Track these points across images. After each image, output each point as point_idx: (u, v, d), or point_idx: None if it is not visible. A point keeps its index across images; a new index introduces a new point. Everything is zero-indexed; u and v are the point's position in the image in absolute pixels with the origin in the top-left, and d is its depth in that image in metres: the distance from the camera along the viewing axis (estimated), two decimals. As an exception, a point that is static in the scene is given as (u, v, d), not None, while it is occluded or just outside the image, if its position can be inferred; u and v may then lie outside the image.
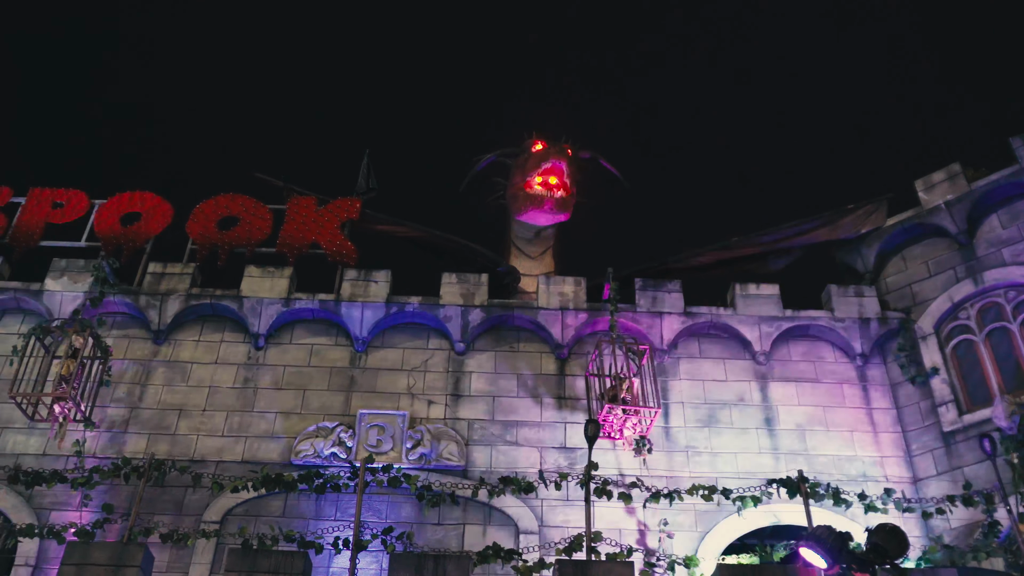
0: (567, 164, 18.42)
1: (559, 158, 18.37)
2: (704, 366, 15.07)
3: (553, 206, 18.12)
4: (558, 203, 18.12)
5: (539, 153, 18.73)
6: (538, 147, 18.97)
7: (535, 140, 19.15)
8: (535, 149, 18.94)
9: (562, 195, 18.17)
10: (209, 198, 16.69)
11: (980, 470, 13.03)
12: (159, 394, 14.44)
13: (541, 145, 18.99)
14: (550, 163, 18.30)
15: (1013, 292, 14.50)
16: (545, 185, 18.18)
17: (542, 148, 18.87)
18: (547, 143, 19.05)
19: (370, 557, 12.43)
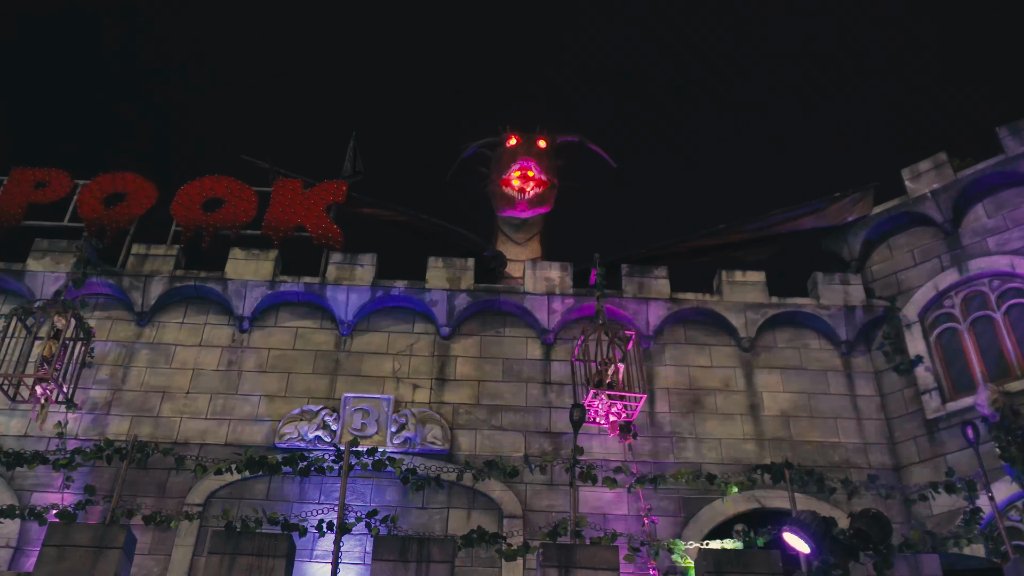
0: (538, 161, 18.32)
1: (527, 157, 18.28)
2: (689, 352, 15.08)
3: (526, 206, 18.14)
4: (531, 202, 18.13)
5: (511, 149, 18.68)
6: (512, 142, 18.91)
7: (509, 135, 19.06)
8: (509, 144, 18.89)
9: (535, 193, 18.12)
10: (194, 180, 16.54)
11: (963, 457, 13.11)
12: (142, 376, 14.35)
13: (515, 139, 18.91)
14: (518, 164, 18.27)
15: (998, 281, 14.57)
16: (516, 187, 18.17)
17: (515, 143, 18.80)
18: (520, 137, 18.94)
19: (354, 540, 12.41)
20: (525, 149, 18.56)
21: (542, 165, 18.43)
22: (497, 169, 18.74)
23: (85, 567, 9.39)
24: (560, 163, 19.32)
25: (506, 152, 18.81)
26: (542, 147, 18.81)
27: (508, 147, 18.89)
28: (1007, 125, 15.27)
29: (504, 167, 18.55)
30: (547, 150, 18.86)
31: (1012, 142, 15.08)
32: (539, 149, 18.70)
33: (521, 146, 18.70)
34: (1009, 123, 15.26)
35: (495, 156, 19.13)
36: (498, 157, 18.96)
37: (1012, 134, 15.13)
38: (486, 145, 19.52)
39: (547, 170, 18.48)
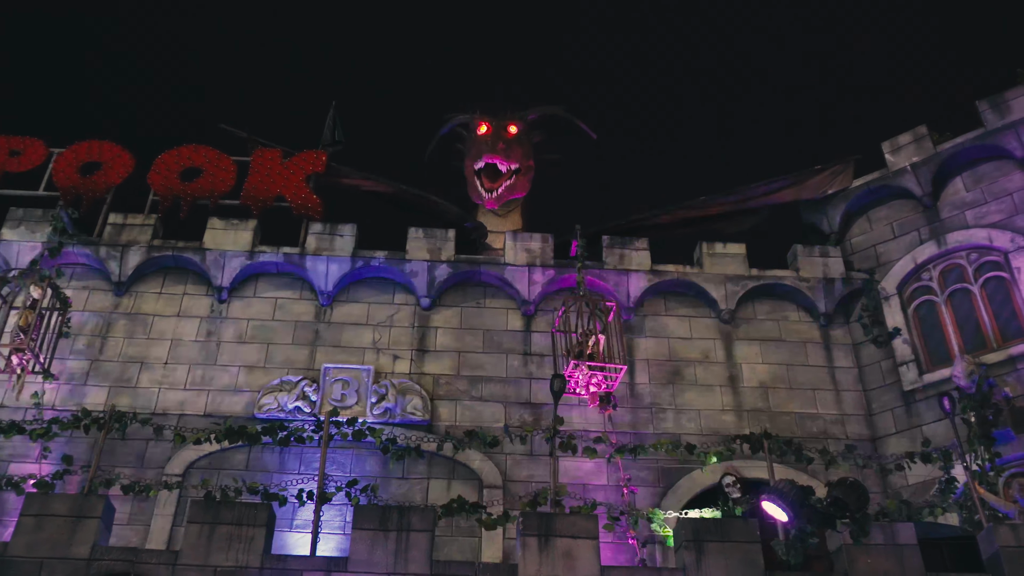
0: (505, 154, 18.00)
1: (493, 154, 17.95)
2: (670, 324, 15.13)
3: (495, 201, 17.97)
4: (500, 197, 17.95)
5: (479, 140, 18.42)
6: (481, 129, 18.67)
7: (479, 121, 18.82)
8: (479, 132, 18.65)
9: (505, 187, 17.95)
10: (171, 149, 16.35)
11: (938, 428, 13.26)
12: (120, 346, 14.25)
13: (485, 127, 18.65)
14: (482, 162, 18.01)
15: (975, 254, 14.67)
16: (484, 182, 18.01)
17: (484, 131, 18.55)
18: (490, 124, 18.63)
19: (334, 510, 12.42)
20: (491, 143, 18.13)
21: (511, 154, 18.10)
22: (469, 155, 18.56)
23: (63, 537, 9.36)
24: (537, 139, 19.16)
25: (476, 141, 18.55)
26: (513, 133, 18.53)
27: (478, 135, 18.62)
28: (987, 99, 15.32)
29: (473, 156, 18.34)
30: (519, 134, 18.58)
31: (992, 116, 15.14)
32: (509, 137, 18.40)
33: (488, 138, 18.28)
34: (989, 96, 15.31)
35: (468, 139, 18.96)
36: (470, 143, 18.78)
37: (992, 108, 15.18)
38: (462, 125, 19.34)
39: (518, 157, 18.17)
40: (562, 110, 19.49)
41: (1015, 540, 9.75)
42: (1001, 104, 15.13)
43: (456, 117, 19.31)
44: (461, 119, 19.21)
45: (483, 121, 18.71)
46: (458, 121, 19.24)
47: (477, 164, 18.11)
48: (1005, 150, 14.86)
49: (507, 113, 18.90)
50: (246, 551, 9.36)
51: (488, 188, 17.94)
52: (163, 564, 9.29)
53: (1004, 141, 14.86)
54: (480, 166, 18.04)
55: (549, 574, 9.38)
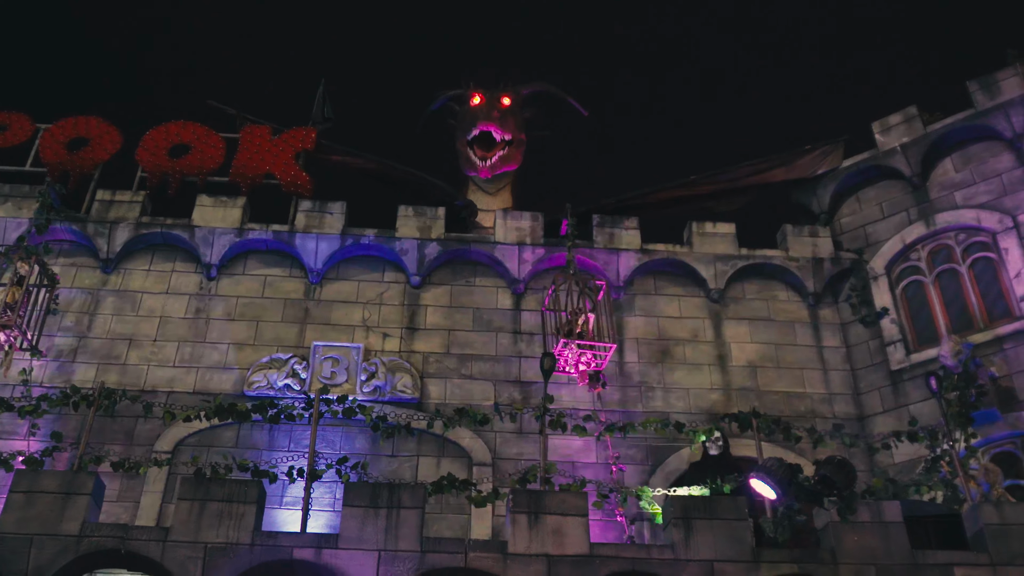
0: (499, 123, 18.03)
1: (487, 122, 17.98)
2: (659, 303, 15.16)
3: (489, 170, 17.94)
4: (494, 166, 17.93)
5: (473, 110, 18.42)
6: (475, 100, 18.65)
7: (472, 92, 18.79)
8: (472, 103, 18.64)
9: (499, 156, 17.93)
10: (159, 125, 16.25)
11: (925, 408, 13.36)
12: (108, 323, 14.21)
13: (478, 98, 18.63)
14: (476, 130, 18.01)
15: (963, 235, 14.74)
16: (477, 152, 17.98)
17: (478, 102, 18.54)
18: (483, 95, 18.63)
19: (323, 488, 12.46)
20: (486, 111, 18.21)
21: (505, 125, 18.14)
22: (461, 127, 18.52)
23: (54, 514, 9.34)
24: (528, 115, 19.13)
25: (469, 111, 18.56)
26: (506, 104, 18.54)
27: (471, 106, 18.63)
28: (977, 79, 15.34)
29: (467, 127, 18.32)
30: (512, 106, 18.60)
31: (982, 96, 15.16)
32: (503, 108, 18.42)
33: (483, 107, 18.36)
34: (980, 77, 15.33)
35: (460, 112, 18.91)
36: (462, 115, 18.74)
37: (982, 88, 15.21)
38: (454, 99, 19.28)
39: (511, 128, 18.21)
40: (554, 87, 19.44)
41: (999, 518, 9.86)
42: (991, 85, 15.15)
43: (447, 93, 19.24)
44: (453, 93, 19.15)
45: (476, 92, 18.68)
46: (450, 96, 19.17)
47: (471, 133, 18.06)
48: (995, 131, 14.90)
49: (500, 85, 18.86)
50: (236, 528, 9.38)
51: (482, 156, 17.92)
52: (154, 540, 9.30)
53: (994, 122, 14.90)
54: (475, 134, 18.01)
55: (539, 551, 9.43)
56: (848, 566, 9.53)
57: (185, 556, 9.22)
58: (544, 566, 9.37)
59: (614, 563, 9.46)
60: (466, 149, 18.17)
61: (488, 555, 9.47)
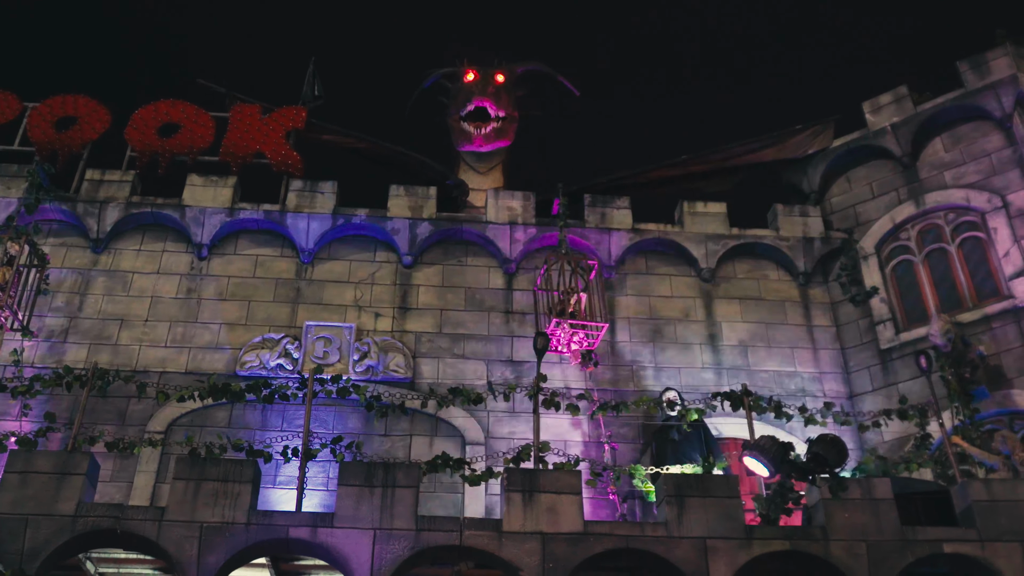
0: (494, 99, 18.02)
1: (483, 97, 17.98)
2: (651, 282, 15.21)
3: (483, 142, 17.89)
4: (487, 137, 17.88)
5: (467, 86, 18.36)
6: (469, 77, 18.59)
7: (466, 69, 18.73)
8: (466, 79, 18.58)
9: (492, 128, 17.90)
10: (148, 104, 16.15)
11: (914, 386, 13.46)
12: (99, 304, 14.16)
13: (472, 74, 18.58)
14: (472, 105, 17.98)
15: (953, 214, 14.82)
16: (471, 124, 17.94)
17: (472, 78, 18.49)
18: (477, 72, 18.58)
19: (316, 467, 12.49)
20: (481, 87, 18.20)
21: (499, 101, 18.13)
22: (455, 104, 18.47)
23: (49, 494, 9.36)
24: (521, 93, 19.09)
25: (463, 88, 18.50)
26: (500, 81, 18.49)
27: (465, 82, 18.57)
28: (968, 59, 15.38)
29: (460, 103, 18.27)
30: (505, 84, 18.56)
31: (972, 76, 15.21)
32: (497, 84, 18.38)
33: (477, 83, 18.33)
34: (970, 57, 15.37)
35: (453, 89, 18.84)
36: (456, 91, 18.68)
37: (972, 68, 15.25)
38: (446, 76, 19.21)
39: (505, 105, 18.19)
40: (546, 66, 19.39)
41: (987, 495, 9.98)
42: (982, 65, 15.20)
43: (439, 70, 19.16)
44: (444, 71, 19.07)
45: (471, 69, 18.61)
46: (442, 73, 19.09)
47: (466, 108, 17.99)
48: (984, 111, 14.96)
49: (494, 63, 18.80)
50: (232, 507, 9.42)
51: (477, 127, 17.86)
52: (150, 520, 9.33)
53: (984, 102, 14.96)
54: (470, 109, 17.94)
55: (533, 528, 9.51)
56: (839, 542, 9.65)
57: (181, 535, 9.26)
58: (539, 543, 9.45)
59: (608, 540, 9.55)
60: (459, 123, 18.10)
61: (483, 533, 9.54)
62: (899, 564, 9.58)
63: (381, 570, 9.25)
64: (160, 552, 9.33)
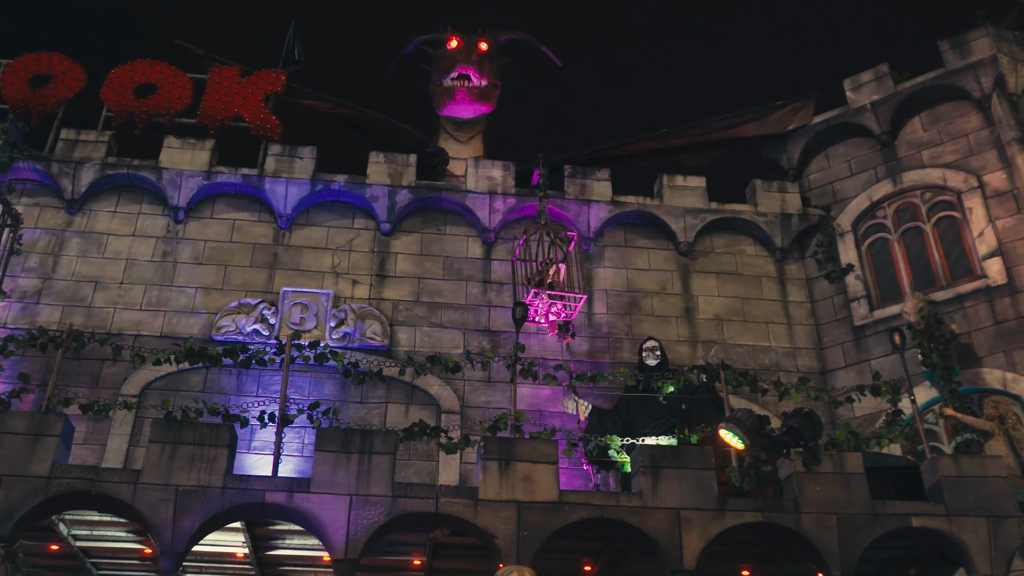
0: (477, 67, 17.93)
1: (466, 65, 17.87)
2: (629, 255, 15.25)
3: (466, 96, 17.74)
4: (471, 92, 17.74)
5: (451, 53, 18.23)
6: (452, 44, 18.44)
7: (449, 36, 18.57)
8: (449, 47, 18.43)
9: (477, 85, 17.78)
10: (125, 63, 15.89)
11: (886, 363, 13.63)
12: (73, 265, 14.01)
13: (456, 42, 18.43)
14: (455, 72, 17.86)
15: (929, 193, 14.93)
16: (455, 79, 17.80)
17: (456, 46, 18.34)
18: (461, 39, 18.43)
19: (292, 433, 12.49)
20: (465, 54, 18.07)
21: (482, 70, 18.02)
22: (437, 70, 18.31)
23: (23, 455, 9.29)
24: (504, 62, 18.98)
25: (446, 55, 18.35)
26: (483, 49, 18.37)
27: (448, 50, 18.42)
28: (948, 39, 15.44)
29: (444, 70, 18.12)
30: (489, 52, 18.44)
31: (952, 56, 15.27)
32: (480, 52, 18.26)
33: (461, 50, 18.20)
34: (951, 37, 15.42)
35: (436, 56, 18.67)
36: (438, 58, 18.52)
37: (953, 48, 15.31)
38: (428, 42, 19.04)
39: (488, 73, 18.08)
40: (530, 35, 19.26)
41: (956, 471, 10.16)
42: (962, 45, 15.26)
43: (420, 37, 18.98)
44: (426, 38, 18.89)
45: (454, 36, 18.45)
46: (423, 39, 18.91)
47: (450, 75, 17.83)
48: (964, 91, 15.04)
49: (478, 30, 18.65)
50: (209, 471, 9.39)
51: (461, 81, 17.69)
52: (125, 483, 9.29)
53: (963, 82, 15.03)
54: (454, 76, 17.78)
55: (509, 497, 9.56)
56: (810, 515, 9.79)
57: (156, 498, 9.24)
58: (514, 512, 9.51)
59: (583, 510, 9.63)
60: (442, 89, 17.91)
61: (459, 501, 9.58)
62: (868, 537, 9.74)
63: (357, 536, 9.29)
64: (135, 515, 9.30)
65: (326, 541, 9.33)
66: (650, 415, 11.96)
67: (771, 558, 10.92)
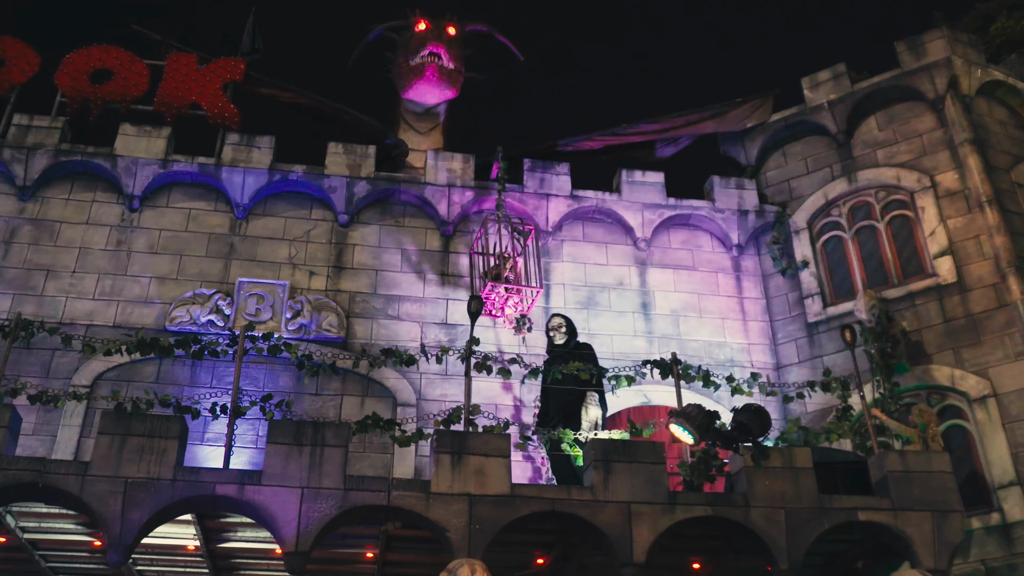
0: (447, 48, 17.85)
1: (437, 44, 17.75)
2: (587, 249, 15.30)
3: (436, 72, 17.43)
4: (441, 71, 17.52)
5: (420, 34, 18.09)
6: (420, 27, 18.33)
7: (418, 19, 18.47)
8: (417, 29, 18.29)
9: (447, 66, 17.61)
10: (80, 48, 15.66)
11: (839, 359, 13.81)
12: (24, 253, 13.81)
13: (424, 24, 18.33)
14: (426, 50, 17.70)
15: (883, 192, 15.14)
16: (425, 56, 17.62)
17: (424, 29, 18.23)
18: (430, 22, 18.36)
19: (247, 424, 12.41)
20: (435, 34, 18.00)
21: (451, 52, 17.95)
22: (404, 52, 18.11)
23: (-33, 445, 9.14)
24: (468, 52, 18.92)
25: (415, 36, 18.16)
26: (452, 34, 18.32)
27: (417, 32, 18.28)
28: (905, 40, 15.67)
29: (412, 50, 17.92)
30: (456, 37, 18.38)
31: (908, 57, 15.50)
32: (449, 36, 18.20)
33: (431, 31, 18.10)
34: (907, 38, 15.65)
35: (402, 40, 18.52)
36: (406, 40, 18.33)
37: (909, 49, 15.54)
38: (392, 28, 18.89)
39: (456, 57, 18.01)
40: (492, 28, 19.20)
41: (902, 466, 10.31)
42: (918, 46, 15.48)
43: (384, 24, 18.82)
44: (391, 24, 18.72)
45: (422, 19, 18.27)
46: (387, 26, 18.74)
47: (420, 53, 17.56)
48: (918, 92, 15.26)
49: (446, 16, 18.51)
50: (158, 463, 9.30)
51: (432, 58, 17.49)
52: (73, 475, 9.18)
53: (918, 83, 15.25)
54: (424, 53, 17.56)
55: (461, 490, 9.57)
56: (759, 509, 9.89)
57: (105, 491, 9.13)
58: (466, 505, 9.52)
59: (535, 503, 9.66)
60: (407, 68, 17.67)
61: (411, 494, 9.57)
62: (815, 531, 9.87)
63: (308, 528, 9.25)
64: (83, 507, 9.20)
65: (277, 534, 9.28)
66: (557, 401, 11.67)
67: (722, 551, 11.03)
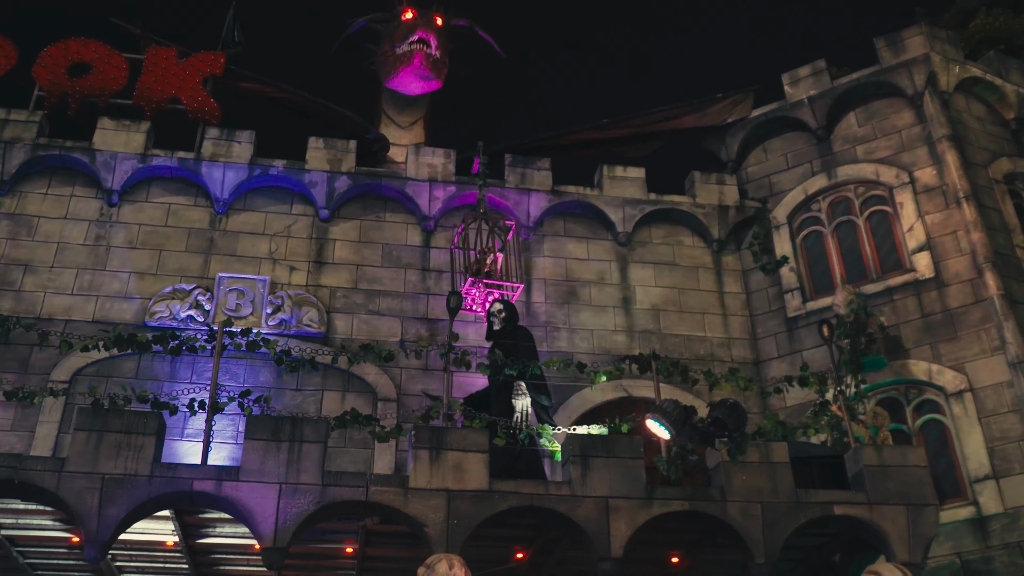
0: (436, 36, 17.81)
1: (427, 30, 17.67)
2: (568, 245, 15.33)
3: (424, 60, 17.33)
4: (428, 59, 17.36)
5: (407, 23, 18.00)
6: (408, 15, 18.26)
7: (404, 8, 18.40)
8: (404, 18, 18.21)
9: (434, 55, 17.49)
10: (58, 41, 15.55)
11: (817, 354, 13.88)
12: (2, 248, 13.73)
13: (411, 13, 18.26)
14: (416, 36, 17.60)
15: (862, 188, 15.22)
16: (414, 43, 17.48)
17: (411, 17, 18.16)
18: (417, 12, 18.30)
19: (226, 420, 12.38)
20: (424, 23, 17.89)
21: (440, 40, 17.87)
22: (392, 39, 17.87)
23: (-58, 441, 9.10)
24: (452, 47, 18.87)
25: (402, 24, 17.99)
26: (439, 24, 18.25)
27: (404, 20, 18.14)
28: (884, 36, 15.74)
29: (399, 38, 17.70)
30: (443, 28, 18.30)
31: (888, 53, 15.58)
32: (437, 25, 18.13)
33: (419, 19, 17.99)
34: (887, 34, 15.72)
35: (387, 30, 18.35)
36: (392, 30, 18.13)
37: (888, 46, 15.62)
38: (376, 20, 18.78)
39: (442, 47, 17.92)
40: (473, 25, 19.15)
41: (878, 460, 10.39)
42: (897, 43, 15.57)
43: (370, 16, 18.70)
44: (374, 16, 18.61)
45: (409, 8, 18.15)
46: (370, 17, 18.63)
47: (408, 40, 17.39)
48: (898, 88, 15.34)
49: (433, 6, 18.41)
50: (135, 459, 9.27)
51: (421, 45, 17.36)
52: (49, 471, 9.14)
53: (897, 79, 15.33)
54: (413, 40, 17.40)
55: (439, 486, 9.59)
56: (735, 503, 9.95)
57: (82, 487, 9.10)
58: (444, 500, 9.53)
59: (513, 498, 9.68)
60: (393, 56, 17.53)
61: (389, 489, 9.58)
62: (792, 525, 9.93)
63: (286, 524, 9.25)
64: (60, 503, 9.16)
65: (255, 529, 9.27)
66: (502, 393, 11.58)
67: (700, 544, 11.09)
